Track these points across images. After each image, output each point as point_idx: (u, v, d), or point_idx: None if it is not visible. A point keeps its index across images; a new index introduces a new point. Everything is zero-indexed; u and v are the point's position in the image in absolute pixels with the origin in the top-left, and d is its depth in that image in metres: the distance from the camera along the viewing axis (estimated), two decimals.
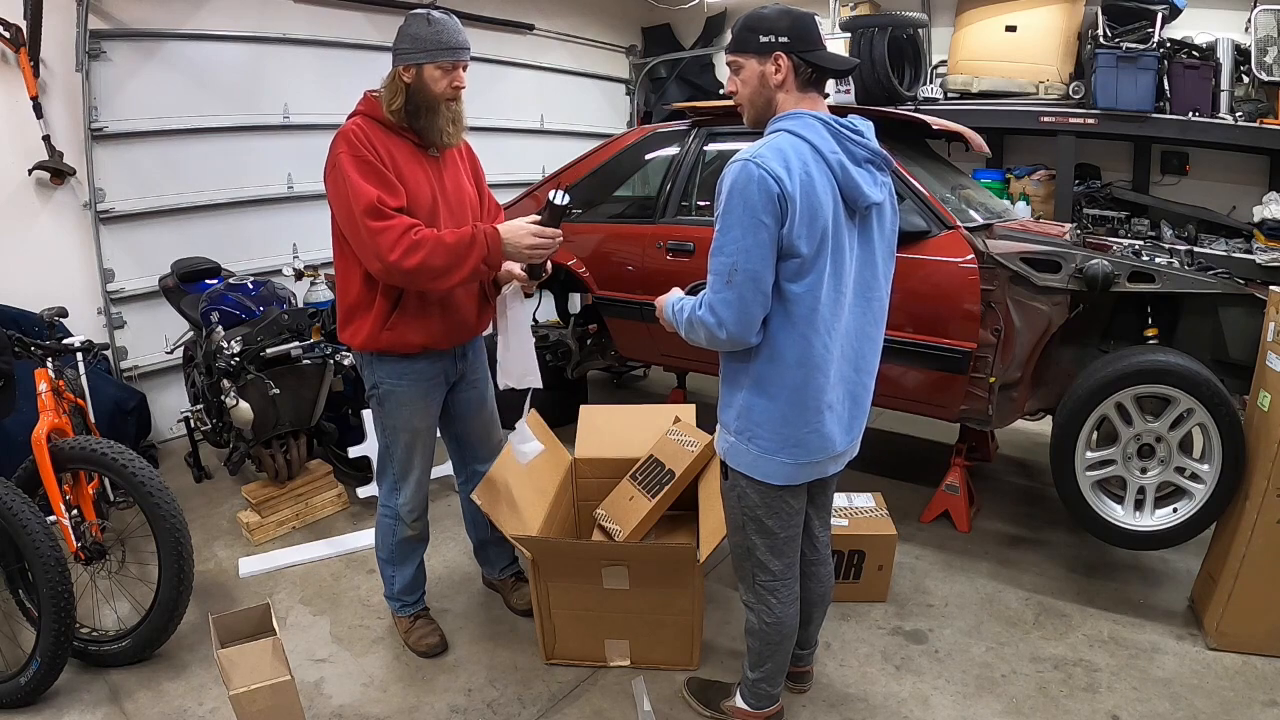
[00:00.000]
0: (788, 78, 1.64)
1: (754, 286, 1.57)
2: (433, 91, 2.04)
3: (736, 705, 2.05)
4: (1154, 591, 2.72)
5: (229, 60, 4.24)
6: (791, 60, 1.63)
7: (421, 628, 2.47)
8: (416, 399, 2.24)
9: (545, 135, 6.05)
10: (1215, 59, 4.37)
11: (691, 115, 3.69)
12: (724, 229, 1.58)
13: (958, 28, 5.23)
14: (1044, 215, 5.02)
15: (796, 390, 1.67)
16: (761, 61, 1.65)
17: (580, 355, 4.03)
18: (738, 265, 1.56)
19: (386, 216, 1.93)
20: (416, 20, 2.03)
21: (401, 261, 1.92)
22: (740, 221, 1.55)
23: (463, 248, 1.97)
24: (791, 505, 1.81)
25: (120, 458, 2.34)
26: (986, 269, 2.70)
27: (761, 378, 1.68)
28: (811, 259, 1.58)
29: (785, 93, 1.66)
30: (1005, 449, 3.88)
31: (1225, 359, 2.65)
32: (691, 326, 1.69)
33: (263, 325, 3.09)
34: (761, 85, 1.66)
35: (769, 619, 1.89)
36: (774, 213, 1.53)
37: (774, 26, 1.63)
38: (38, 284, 3.54)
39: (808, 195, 1.55)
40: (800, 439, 1.71)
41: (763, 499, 1.78)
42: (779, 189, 1.52)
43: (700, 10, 6.36)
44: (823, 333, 1.64)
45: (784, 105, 1.67)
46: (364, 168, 1.97)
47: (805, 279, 1.59)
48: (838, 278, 1.64)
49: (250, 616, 2.13)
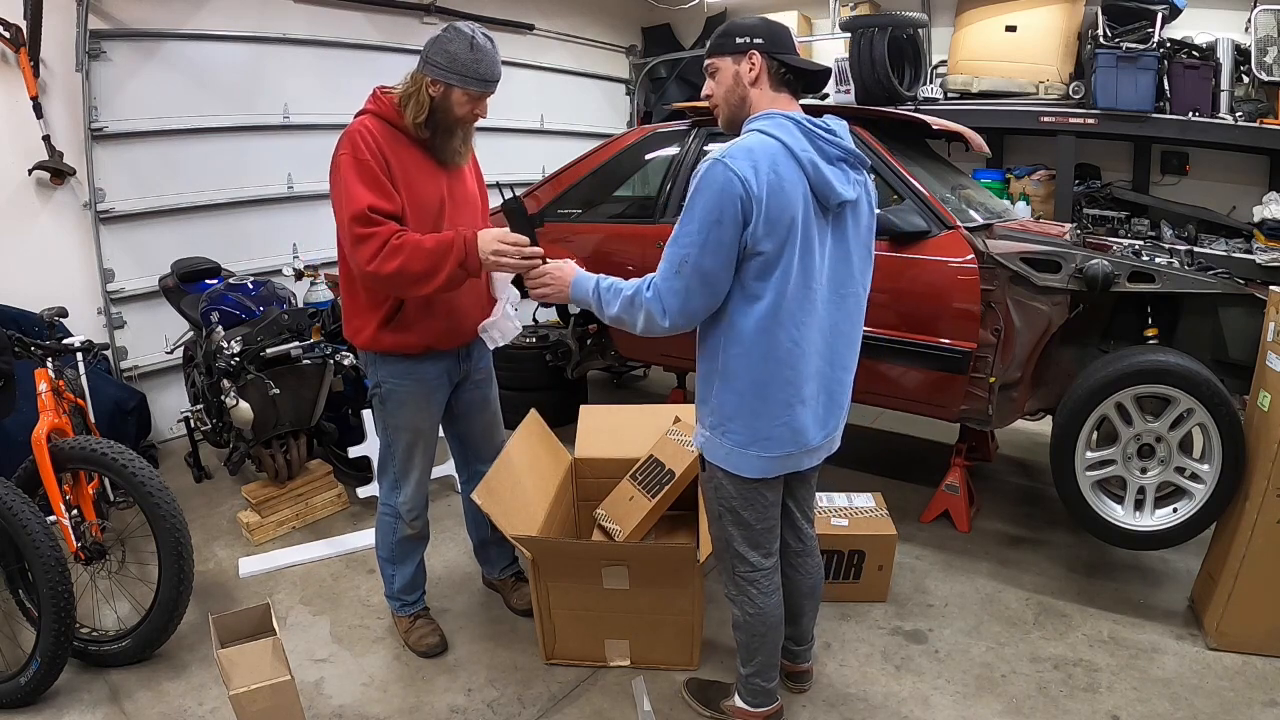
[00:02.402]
0: (761, 75, 1.69)
1: (700, 280, 1.63)
2: (454, 114, 2.04)
3: (735, 705, 2.05)
4: (1154, 591, 2.72)
5: (229, 60, 4.24)
6: (765, 59, 1.68)
7: (421, 628, 2.47)
8: (418, 399, 2.23)
9: (545, 135, 6.05)
10: (1215, 59, 4.37)
11: (691, 115, 3.69)
12: (685, 221, 1.63)
13: (958, 28, 5.24)
14: (1044, 215, 5.02)
15: (764, 385, 1.71)
16: (736, 61, 1.70)
17: (580, 355, 4.03)
18: (689, 258, 1.62)
19: (374, 224, 1.93)
20: (459, 39, 1.97)
21: (380, 268, 1.93)
22: (699, 217, 1.60)
23: (441, 251, 1.95)
24: (767, 498, 1.84)
25: (120, 458, 2.34)
26: (986, 269, 2.70)
27: (730, 373, 1.72)
28: (775, 256, 1.62)
29: (759, 90, 1.70)
30: (1005, 449, 3.88)
31: (1225, 359, 2.66)
32: (631, 307, 1.71)
33: (263, 325, 3.09)
34: (735, 84, 1.71)
35: (750, 610, 1.92)
36: (734, 215, 1.58)
37: (749, 30, 1.70)
38: (38, 284, 3.54)
39: (774, 194, 1.59)
40: (769, 433, 1.74)
41: (738, 491, 1.82)
42: (743, 190, 1.57)
43: (700, 10, 6.37)
44: (790, 328, 1.67)
45: (758, 105, 1.71)
46: (362, 171, 1.96)
47: (771, 276, 1.63)
48: (806, 274, 1.67)
49: (250, 616, 2.13)
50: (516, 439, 2.57)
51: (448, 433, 2.49)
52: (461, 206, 2.16)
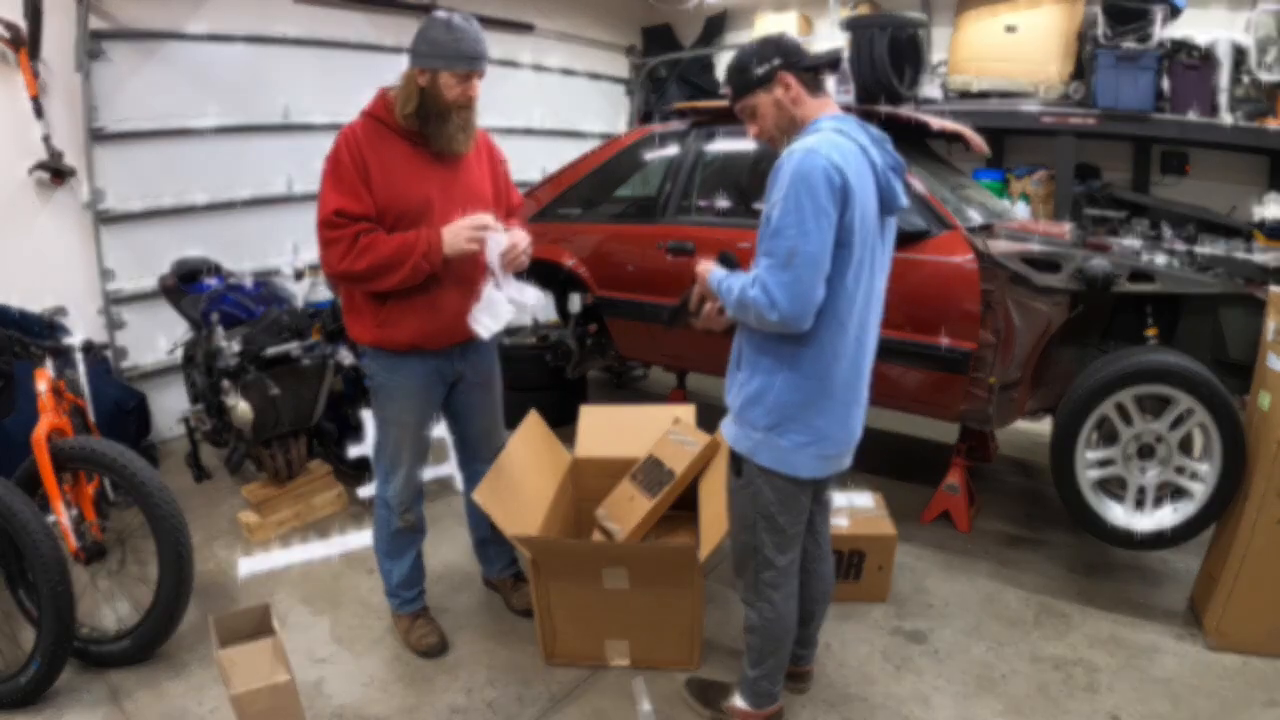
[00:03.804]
0: (799, 92, 1.71)
1: (814, 269, 1.60)
2: (445, 99, 2.04)
3: (736, 705, 2.05)
4: (1154, 591, 2.72)
5: (229, 60, 4.24)
6: (794, 75, 1.69)
7: (421, 627, 2.47)
8: (408, 395, 2.26)
9: (545, 135, 6.04)
10: (1215, 59, 4.37)
11: (691, 115, 3.69)
12: (784, 213, 1.60)
13: (958, 28, 5.23)
14: (1044, 215, 5.02)
15: (831, 382, 1.72)
16: (769, 90, 1.71)
17: (580, 355, 4.03)
18: (798, 248, 1.59)
19: (339, 226, 2.01)
20: (436, 24, 2.01)
21: (347, 267, 2.02)
22: (801, 206, 1.58)
23: (404, 250, 2.02)
24: (803, 502, 1.85)
25: (120, 458, 2.34)
26: (986, 269, 2.70)
27: (799, 370, 1.71)
28: (851, 252, 1.64)
29: (802, 105, 1.72)
30: (1005, 449, 3.88)
31: (1225, 359, 2.66)
32: (742, 306, 1.70)
33: (263, 325, 3.10)
34: (780, 111, 1.73)
35: (770, 615, 1.91)
36: (835, 201, 1.58)
37: (764, 54, 1.70)
38: (38, 284, 3.53)
39: (858, 190, 1.61)
40: (830, 431, 1.76)
41: (778, 496, 1.81)
42: (841, 180, 1.58)
43: (700, 10, 6.37)
44: (854, 326, 1.71)
45: (808, 116, 1.73)
46: (337, 174, 2.03)
47: (849, 271, 1.65)
48: (871, 273, 1.71)
49: (250, 616, 2.13)
50: (517, 439, 2.57)
51: (449, 432, 2.50)
52: (461, 202, 2.14)
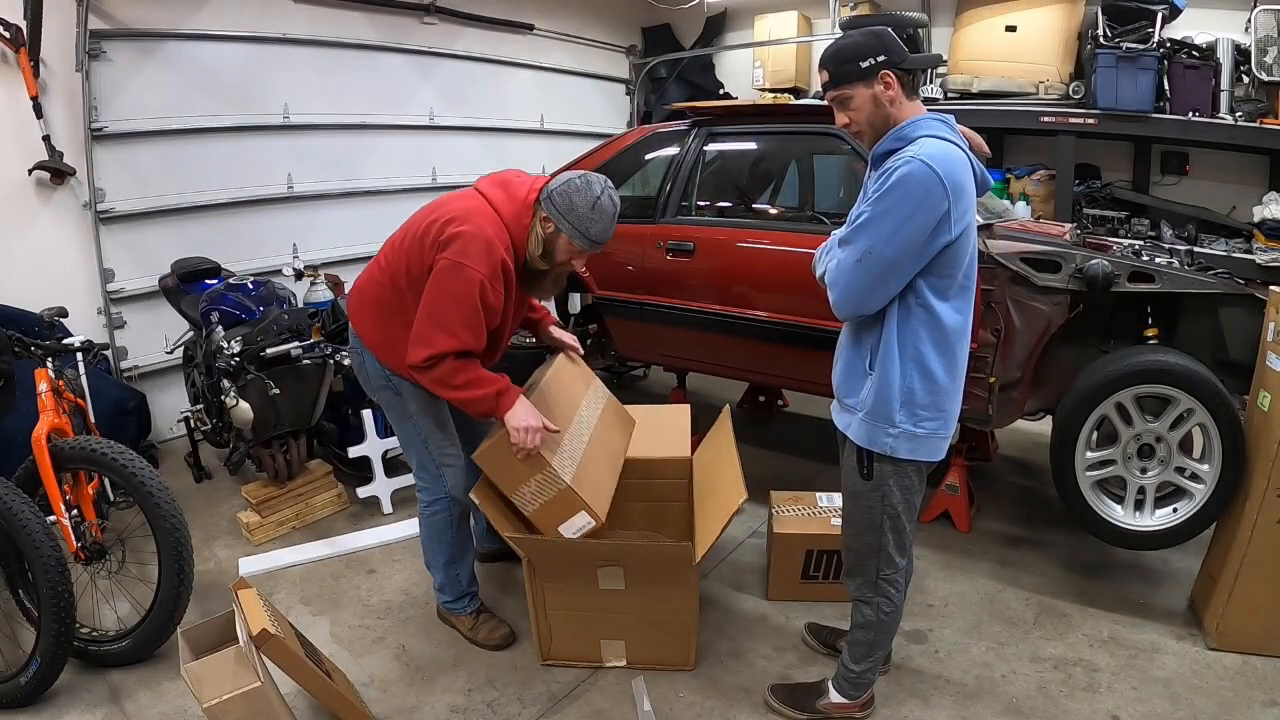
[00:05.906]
0: (898, 92, 1.73)
1: (882, 272, 1.67)
2: (558, 256, 2.16)
3: (833, 701, 2.11)
4: (1154, 591, 2.72)
5: (229, 60, 4.24)
6: (896, 74, 1.72)
7: (487, 622, 2.49)
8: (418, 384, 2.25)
9: (545, 135, 6.05)
10: (1215, 59, 4.37)
11: (691, 115, 3.69)
12: (877, 213, 1.66)
13: (958, 28, 5.24)
14: (1044, 215, 5.02)
15: (955, 368, 1.78)
16: (869, 85, 1.73)
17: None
18: (874, 249, 1.65)
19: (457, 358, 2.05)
20: (585, 192, 2.07)
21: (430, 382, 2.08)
22: (897, 211, 1.63)
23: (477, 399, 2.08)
24: (919, 490, 1.90)
25: (120, 458, 2.34)
26: (986, 269, 2.70)
27: (931, 359, 1.75)
28: (963, 249, 1.70)
29: (898, 105, 1.75)
30: (1005, 449, 3.87)
31: (1225, 359, 2.65)
32: (828, 272, 1.80)
33: (263, 325, 3.10)
34: (877, 107, 1.75)
35: (888, 609, 1.98)
36: (933, 214, 1.63)
37: (871, 49, 1.72)
38: (38, 284, 3.54)
39: (965, 195, 1.67)
40: (952, 412, 1.81)
41: (905, 494, 1.86)
42: (945, 190, 1.62)
43: (700, 10, 6.37)
44: (967, 315, 1.77)
45: (901, 116, 1.75)
46: (473, 313, 2.04)
47: (966, 254, 1.72)
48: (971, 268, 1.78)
49: (216, 626, 2.07)
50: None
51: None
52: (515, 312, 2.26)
